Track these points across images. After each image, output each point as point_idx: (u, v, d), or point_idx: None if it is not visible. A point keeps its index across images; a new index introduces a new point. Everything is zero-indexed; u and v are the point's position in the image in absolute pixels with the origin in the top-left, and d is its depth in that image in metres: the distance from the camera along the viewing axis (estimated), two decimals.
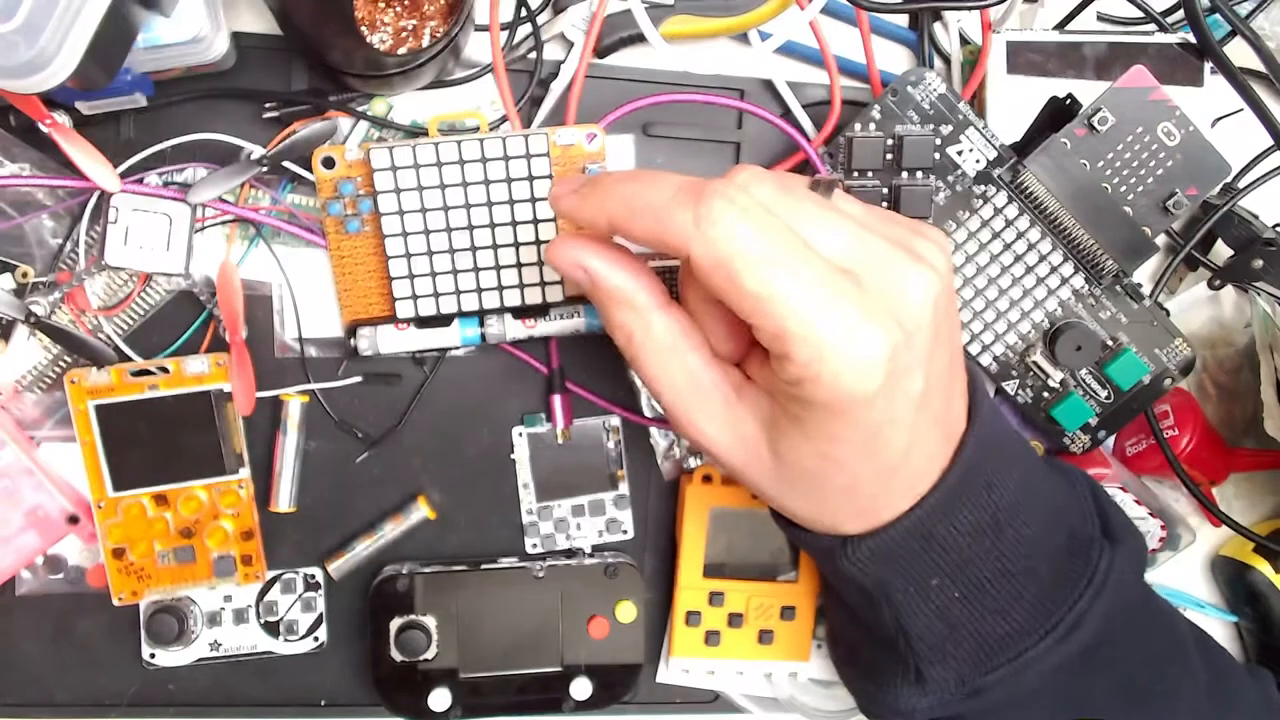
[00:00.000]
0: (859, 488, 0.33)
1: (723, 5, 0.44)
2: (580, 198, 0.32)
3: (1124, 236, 0.42)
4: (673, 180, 0.30)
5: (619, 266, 0.33)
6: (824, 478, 0.33)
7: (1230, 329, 0.50)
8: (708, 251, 0.28)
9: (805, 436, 0.31)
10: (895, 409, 0.30)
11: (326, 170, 0.41)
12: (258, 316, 0.43)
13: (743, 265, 0.28)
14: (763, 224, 0.29)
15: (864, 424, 0.30)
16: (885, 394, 0.29)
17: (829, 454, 0.32)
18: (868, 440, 0.31)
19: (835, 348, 0.28)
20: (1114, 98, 0.40)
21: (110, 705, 0.45)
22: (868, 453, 0.31)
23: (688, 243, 0.29)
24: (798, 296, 0.28)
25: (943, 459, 0.34)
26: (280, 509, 0.44)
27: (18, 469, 0.42)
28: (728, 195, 0.29)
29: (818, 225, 0.30)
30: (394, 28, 0.41)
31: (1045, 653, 0.35)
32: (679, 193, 0.29)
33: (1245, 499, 0.51)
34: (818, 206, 0.30)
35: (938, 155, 0.43)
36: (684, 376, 0.33)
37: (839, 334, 0.28)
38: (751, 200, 0.29)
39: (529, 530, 0.46)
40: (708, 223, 0.28)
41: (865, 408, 0.30)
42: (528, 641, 0.44)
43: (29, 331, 0.42)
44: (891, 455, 0.32)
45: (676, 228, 0.29)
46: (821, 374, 0.29)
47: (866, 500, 0.33)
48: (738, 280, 0.28)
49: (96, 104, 0.39)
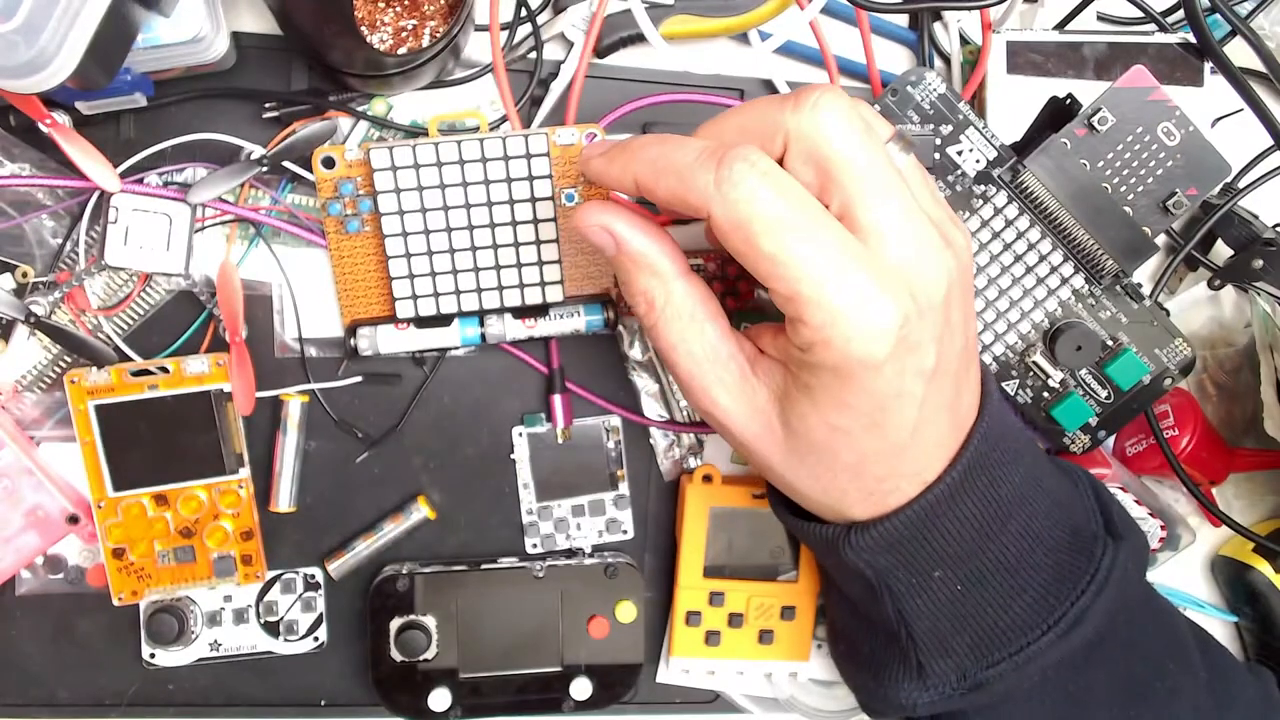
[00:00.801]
0: (866, 466, 0.33)
1: (723, 5, 0.44)
2: (608, 159, 0.33)
3: (1124, 236, 0.42)
4: (697, 143, 0.30)
5: (644, 231, 0.33)
6: (832, 452, 0.33)
7: (1230, 329, 0.50)
8: (727, 213, 0.29)
9: (814, 405, 0.32)
10: (905, 382, 0.31)
11: (326, 170, 0.41)
12: (258, 316, 0.43)
13: (760, 227, 0.29)
14: (782, 187, 0.29)
15: (872, 393, 0.31)
16: (894, 364, 0.30)
17: (838, 424, 0.32)
18: (875, 411, 0.31)
19: (847, 313, 0.29)
20: (1114, 98, 0.40)
21: (110, 705, 0.45)
22: (875, 425, 0.32)
23: (708, 203, 0.29)
24: (813, 260, 0.29)
25: (951, 448, 0.34)
26: (280, 509, 0.44)
27: (18, 469, 0.42)
28: (749, 159, 0.29)
29: (870, 181, 0.30)
30: (394, 28, 0.41)
31: (1047, 647, 0.35)
32: (702, 154, 0.30)
33: (1245, 499, 0.51)
34: (881, 164, 0.30)
35: (938, 155, 0.43)
36: (701, 346, 0.34)
37: (852, 300, 0.29)
38: (772, 164, 0.29)
39: (529, 530, 0.46)
40: (729, 184, 0.29)
41: (874, 375, 0.30)
42: (528, 641, 0.44)
43: (29, 331, 0.42)
44: (899, 432, 0.32)
45: (699, 188, 0.29)
46: (833, 338, 0.29)
47: (873, 481, 0.33)
48: (754, 242, 0.29)
49: (96, 104, 0.40)
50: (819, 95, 0.30)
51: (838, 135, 0.30)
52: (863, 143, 0.30)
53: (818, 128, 0.30)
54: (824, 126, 0.30)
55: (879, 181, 0.30)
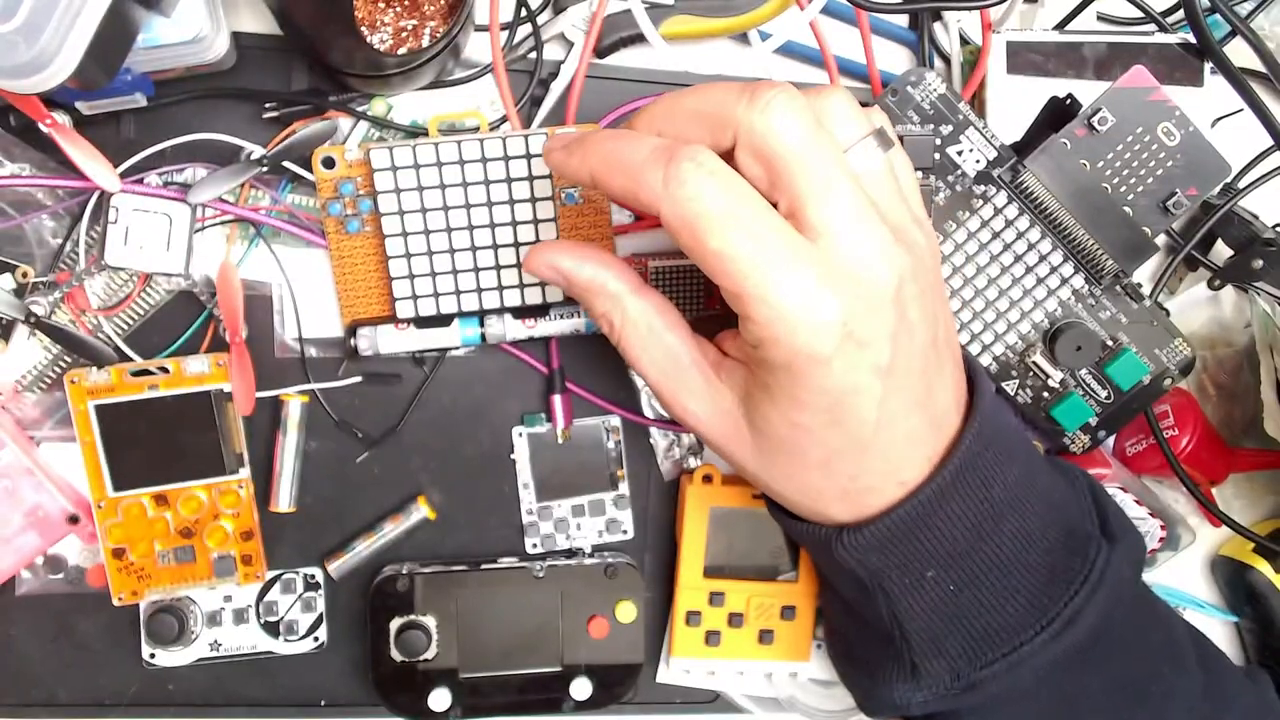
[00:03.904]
0: (834, 464, 0.33)
1: (723, 5, 0.44)
2: (567, 152, 0.33)
3: (1124, 236, 0.42)
4: (648, 141, 0.31)
5: (587, 260, 0.35)
6: (799, 450, 0.33)
7: (1230, 329, 0.50)
8: (675, 211, 0.30)
9: (774, 403, 0.33)
10: (858, 377, 0.31)
11: (326, 170, 0.41)
12: (258, 316, 0.43)
13: (706, 225, 0.30)
14: (728, 186, 0.30)
15: (826, 389, 0.31)
16: (842, 359, 0.30)
17: (798, 421, 0.32)
18: (831, 407, 0.32)
19: (790, 307, 0.30)
20: (1114, 98, 0.40)
21: (110, 705, 0.45)
22: (834, 421, 0.32)
23: (658, 201, 0.30)
24: (757, 257, 0.29)
25: (930, 447, 0.34)
26: (280, 509, 0.44)
27: (18, 469, 0.42)
28: (697, 159, 0.30)
29: (817, 180, 0.30)
30: (394, 28, 0.41)
31: (1040, 648, 0.35)
32: (653, 153, 0.30)
33: (1245, 499, 0.51)
34: (829, 163, 0.30)
35: (938, 155, 0.43)
36: (664, 355, 0.35)
37: (794, 295, 0.30)
38: (719, 164, 0.30)
39: (529, 530, 0.46)
40: (676, 183, 0.30)
41: (823, 369, 0.31)
42: (528, 641, 0.44)
43: (29, 331, 0.42)
44: (861, 427, 0.32)
45: (649, 187, 0.30)
46: (779, 334, 0.30)
47: (846, 479, 0.34)
48: (701, 239, 0.30)
49: (96, 104, 0.40)
50: (772, 95, 0.30)
51: (787, 133, 0.30)
52: (812, 141, 0.30)
53: (768, 125, 0.30)
54: (774, 124, 0.30)
55: (826, 180, 0.30)
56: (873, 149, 0.32)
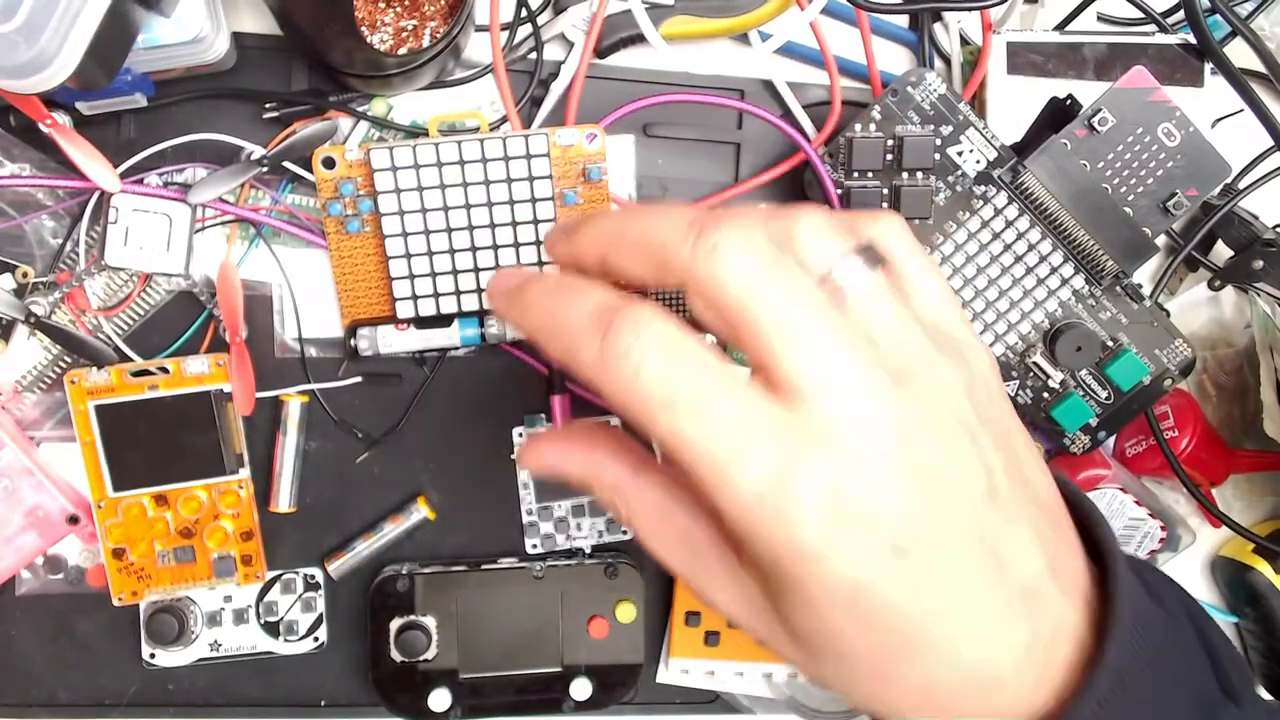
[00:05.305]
0: (890, 672, 0.26)
1: (723, 5, 0.44)
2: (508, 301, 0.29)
3: (1124, 237, 0.42)
4: (590, 297, 0.26)
5: (574, 452, 0.30)
6: (844, 659, 0.27)
7: (1230, 329, 0.50)
8: (614, 393, 0.25)
9: (790, 604, 0.26)
10: (869, 567, 0.24)
11: (327, 170, 0.41)
12: (258, 316, 0.43)
13: (648, 408, 0.24)
14: (673, 358, 0.24)
15: (832, 585, 0.25)
16: (841, 548, 0.24)
17: (819, 626, 0.26)
18: (849, 605, 0.25)
19: (759, 497, 0.24)
20: (1114, 98, 0.40)
21: (110, 705, 0.45)
22: (862, 622, 0.25)
23: (595, 379, 0.25)
24: (711, 442, 0.24)
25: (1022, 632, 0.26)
26: (280, 509, 0.44)
27: (18, 469, 0.42)
28: (636, 328, 0.25)
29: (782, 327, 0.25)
30: (394, 28, 0.41)
31: None
32: (590, 319, 0.25)
33: (1245, 499, 0.51)
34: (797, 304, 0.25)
35: (938, 156, 0.43)
36: (679, 540, 0.29)
37: (763, 483, 0.24)
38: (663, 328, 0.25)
39: (529, 530, 0.46)
40: (613, 358, 0.25)
41: (819, 565, 0.24)
42: (528, 642, 0.44)
43: (29, 331, 0.42)
44: (896, 622, 0.25)
45: (584, 361, 0.25)
46: (755, 530, 0.24)
47: (918, 694, 0.27)
48: (646, 424, 0.25)
49: (96, 104, 0.40)
50: (719, 235, 0.25)
51: (738, 276, 0.24)
52: (767, 279, 0.24)
53: (713, 272, 0.25)
54: (719, 270, 0.25)
55: (790, 326, 0.24)
56: (858, 269, 0.26)
